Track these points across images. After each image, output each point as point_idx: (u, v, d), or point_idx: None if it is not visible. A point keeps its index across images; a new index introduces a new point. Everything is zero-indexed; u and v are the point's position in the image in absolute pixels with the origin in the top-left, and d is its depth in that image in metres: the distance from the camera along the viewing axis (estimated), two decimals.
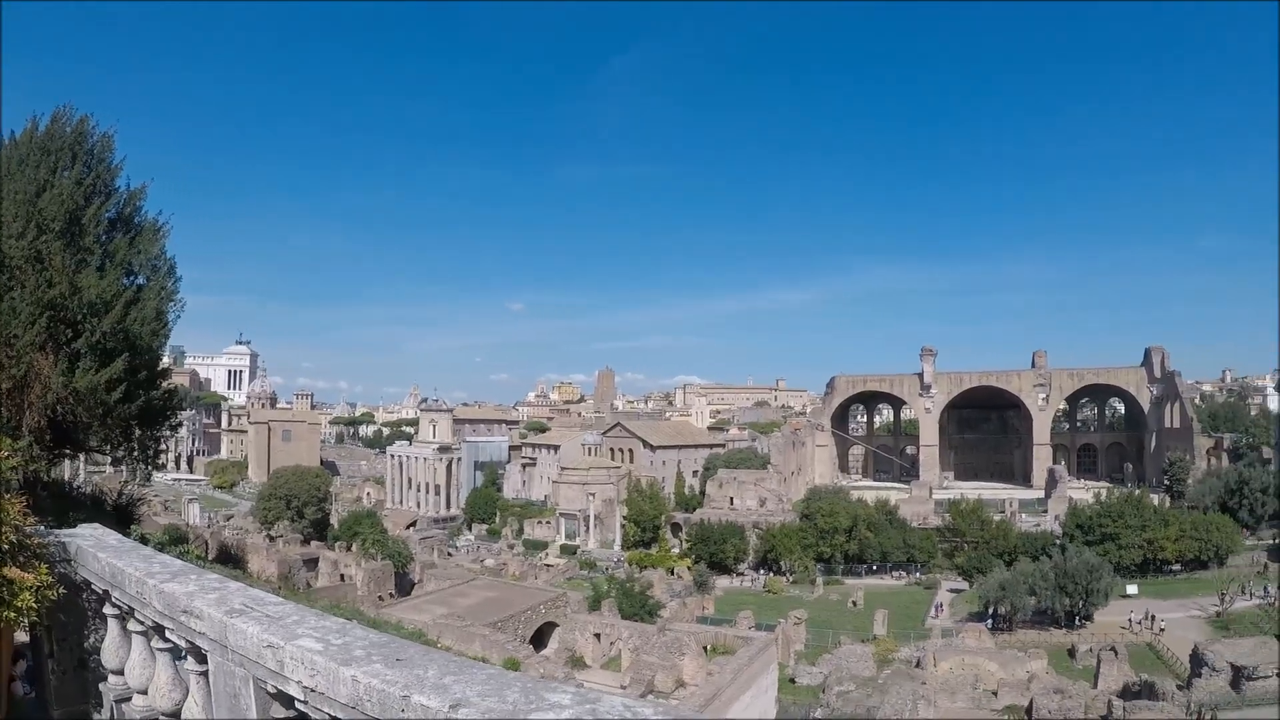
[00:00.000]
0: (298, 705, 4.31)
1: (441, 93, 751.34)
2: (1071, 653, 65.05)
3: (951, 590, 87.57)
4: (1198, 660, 54.64)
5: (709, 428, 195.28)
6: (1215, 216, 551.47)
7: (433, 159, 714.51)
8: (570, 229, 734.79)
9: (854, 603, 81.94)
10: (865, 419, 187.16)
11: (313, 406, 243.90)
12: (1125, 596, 78.45)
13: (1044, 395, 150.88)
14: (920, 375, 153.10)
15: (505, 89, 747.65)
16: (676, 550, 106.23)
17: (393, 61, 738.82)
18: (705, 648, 55.85)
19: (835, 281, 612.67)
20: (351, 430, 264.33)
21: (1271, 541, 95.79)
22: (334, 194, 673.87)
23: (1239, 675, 52.16)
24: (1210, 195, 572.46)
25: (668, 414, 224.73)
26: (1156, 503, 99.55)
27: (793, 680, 57.91)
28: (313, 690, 4.11)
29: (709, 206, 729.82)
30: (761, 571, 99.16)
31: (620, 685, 49.39)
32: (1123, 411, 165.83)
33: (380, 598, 69.00)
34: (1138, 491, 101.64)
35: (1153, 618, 72.54)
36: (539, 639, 59.87)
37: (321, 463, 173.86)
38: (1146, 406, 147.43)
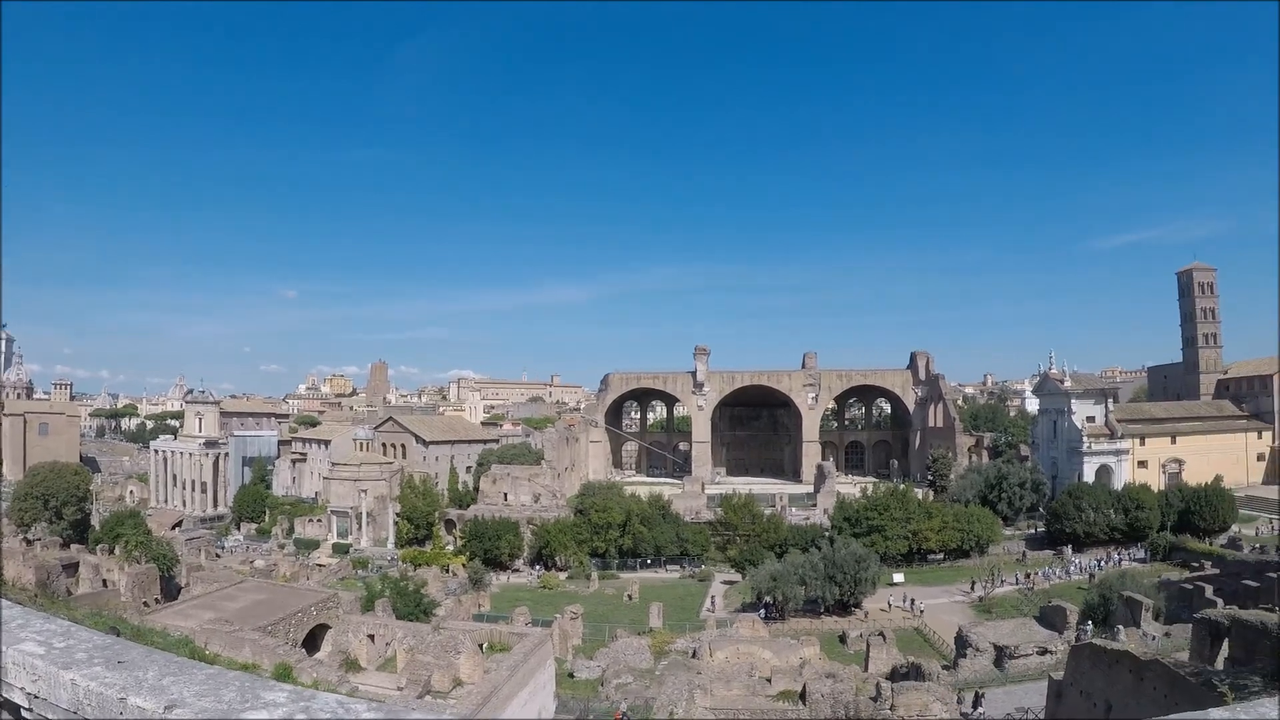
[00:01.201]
0: (24, 714, 4.61)
1: (214, 63, 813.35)
2: (843, 639, 79.40)
3: (725, 582, 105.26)
4: (962, 642, 70.00)
5: (483, 423, 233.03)
6: (982, 229, 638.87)
7: (204, 134, 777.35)
8: (348, 215, 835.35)
9: (629, 596, 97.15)
10: (639, 415, 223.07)
11: (72, 398, 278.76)
12: (892, 584, 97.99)
13: (813, 395, 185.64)
14: (693, 374, 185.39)
15: (284, 63, 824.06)
16: (451, 547, 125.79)
17: (162, 28, 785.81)
18: (482, 645, 63.54)
19: (613, 279, 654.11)
20: (113, 423, 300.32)
21: (1028, 532, 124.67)
22: (96, 162, 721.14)
23: (1001, 654, 67.65)
24: (978, 207, 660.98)
25: (442, 409, 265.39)
26: (920, 496, 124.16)
27: (571, 675, 67.38)
28: (36, 697, 4.46)
29: (490, 197, 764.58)
30: (537, 567, 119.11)
31: (396, 687, 56.09)
32: (889, 411, 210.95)
33: (145, 604, 73.93)
34: (902, 486, 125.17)
35: (912, 602, 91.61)
36: (312, 642, 67.76)
37: (81, 459, 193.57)
38: (911, 406, 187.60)
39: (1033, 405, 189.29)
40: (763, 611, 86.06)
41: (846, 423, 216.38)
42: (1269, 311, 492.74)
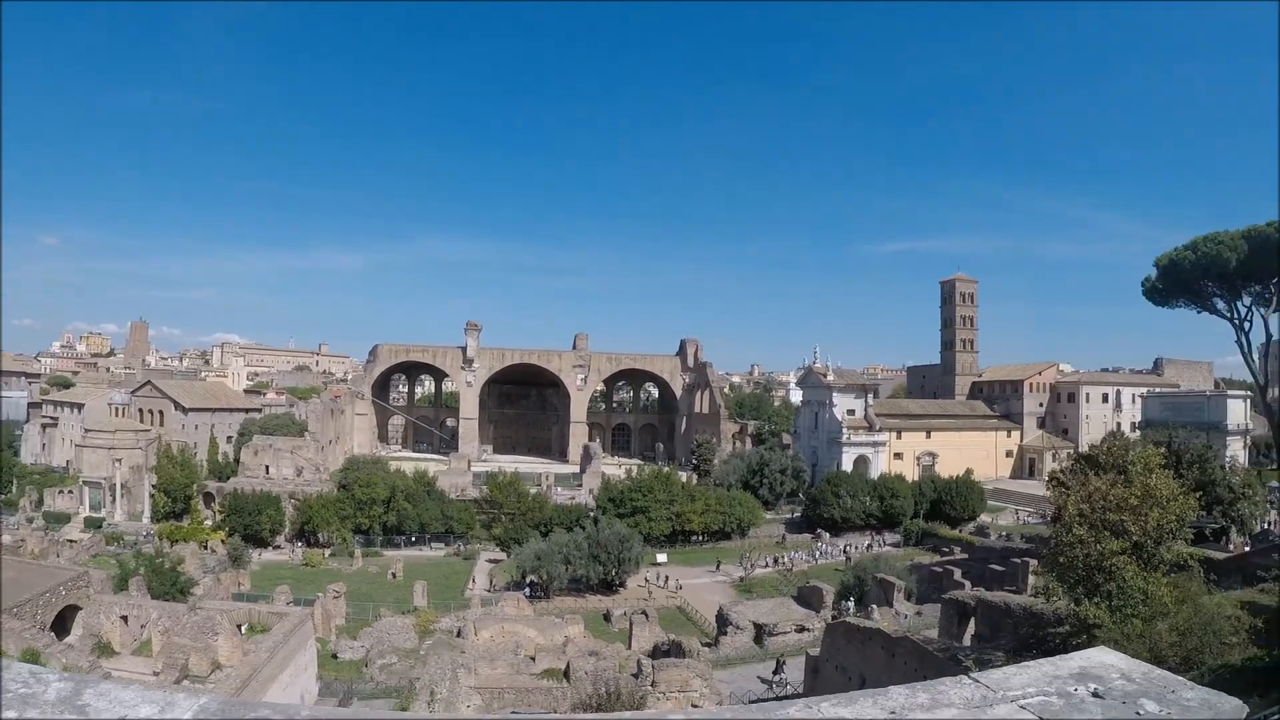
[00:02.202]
0: None
1: None
2: (607, 617, 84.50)
3: (490, 561, 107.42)
4: (723, 620, 76.11)
5: (246, 391, 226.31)
6: (760, 226, 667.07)
7: None
8: (121, 160, 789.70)
9: (394, 575, 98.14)
10: (407, 389, 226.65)
11: None
12: (656, 564, 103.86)
13: (583, 376, 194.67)
14: (464, 349, 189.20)
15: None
16: (210, 522, 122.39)
17: None
18: (241, 626, 63.91)
19: (388, 247, 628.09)
20: None
21: (788, 516, 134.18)
22: None
23: (761, 632, 74.09)
24: (761, 205, 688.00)
25: (204, 374, 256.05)
26: (685, 479, 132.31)
27: (335, 656, 68.21)
28: None
29: (266, 153, 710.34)
30: (299, 544, 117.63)
31: (152, 672, 55.04)
32: (657, 395, 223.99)
33: None
34: (667, 469, 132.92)
35: (667, 579, 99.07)
36: (61, 624, 65.21)
37: None
38: (679, 392, 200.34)
39: (796, 397, 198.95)
40: (528, 590, 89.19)
41: (614, 405, 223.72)
42: (1023, 323, 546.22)
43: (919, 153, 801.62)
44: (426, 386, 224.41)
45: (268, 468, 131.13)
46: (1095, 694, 5.32)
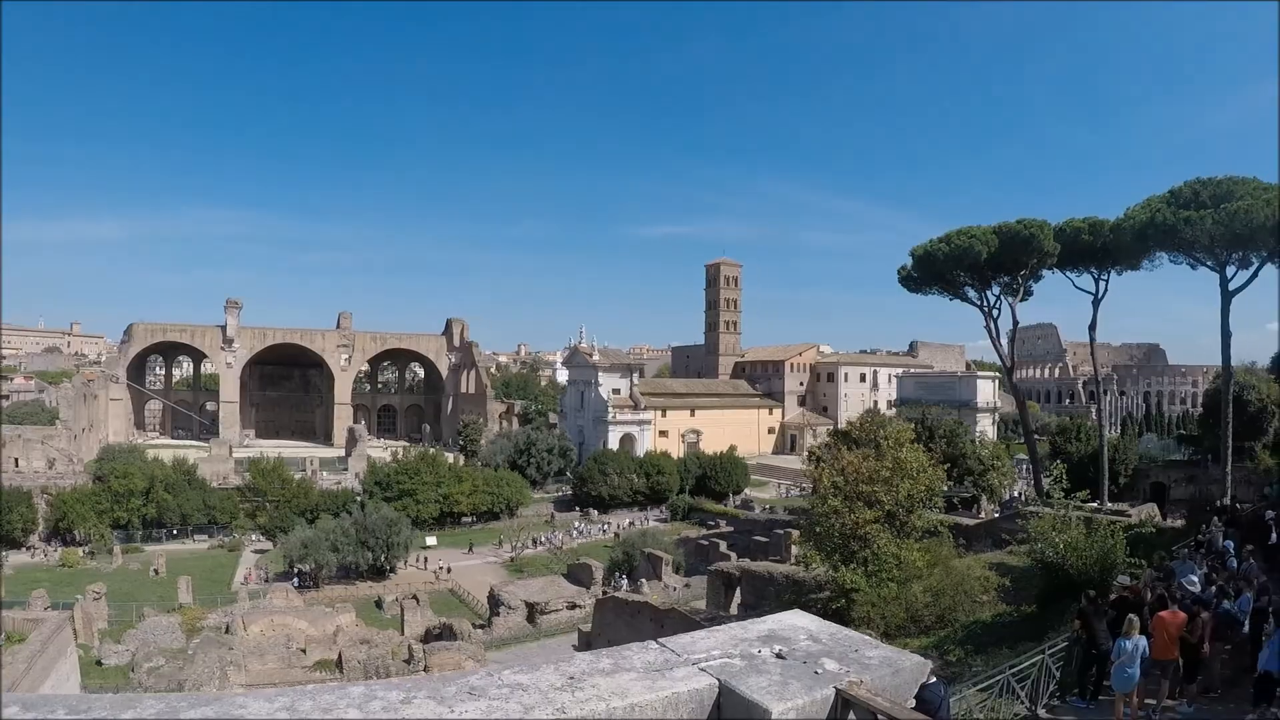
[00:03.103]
0: None
1: None
2: (379, 604, 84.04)
3: (256, 551, 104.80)
4: (495, 600, 76.51)
5: None
6: (532, 207, 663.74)
7: None
8: None
9: (156, 571, 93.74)
10: (164, 372, 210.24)
11: None
12: (425, 548, 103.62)
13: (347, 356, 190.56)
14: (224, 328, 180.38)
15: None
16: None
17: None
18: None
19: (144, 217, 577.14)
20: None
21: (557, 495, 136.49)
22: None
23: (533, 611, 75.13)
24: (528, 189, 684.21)
25: None
26: (452, 460, 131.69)
27: (99, 663, 64.20)
28: None
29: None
30: (55, 543, 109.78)
31: None
32: (423, 376, 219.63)
33: None
34: (434, 450, 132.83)
35: (433, 564, 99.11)
36: None
37: None
38: (445, 372, 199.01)
39: (563, 376, 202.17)
40: (296, 580, 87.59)
41: (380, 386, 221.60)
42: (785, 306, 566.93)
43: (686, 141, 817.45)
44: (185, 368, 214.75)
45: (17, 460, 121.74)
46: (779, 655, 5.84)
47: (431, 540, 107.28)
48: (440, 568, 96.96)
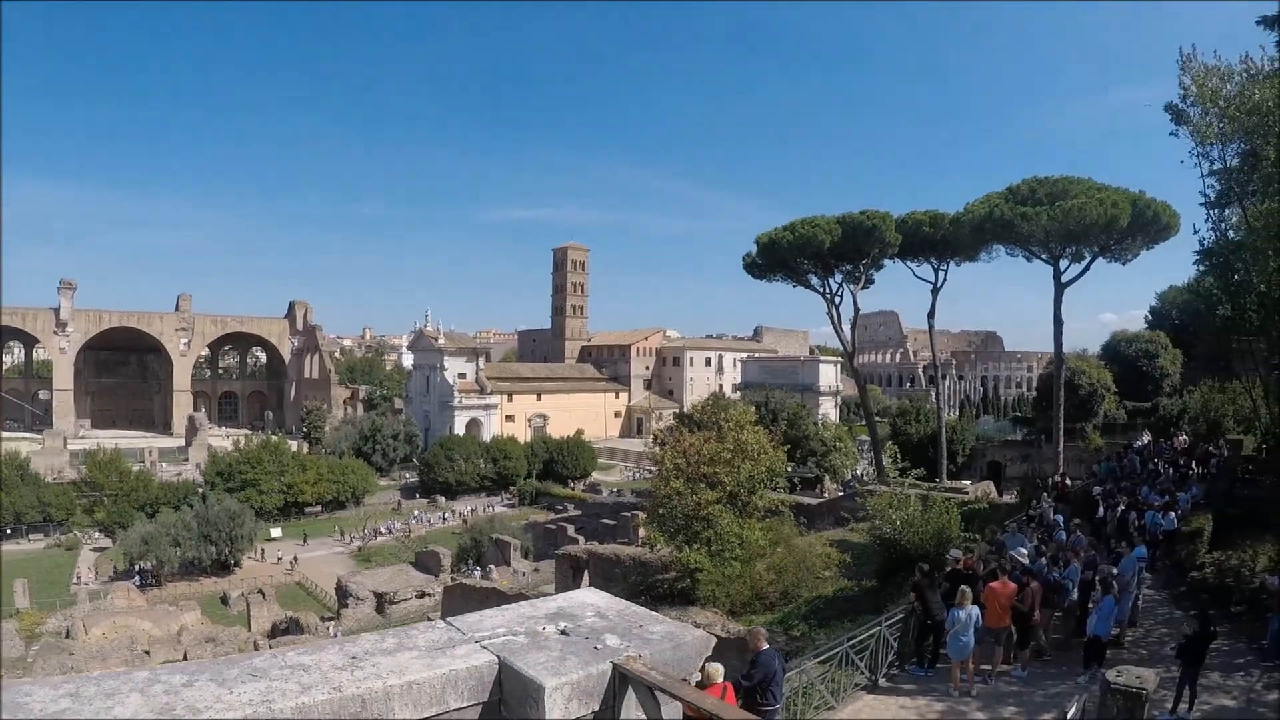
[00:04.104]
0: None
1: None
2: (225, 600, 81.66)
3: (95, 549, 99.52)
4: (343, 592, 75.92)
5: None
6: (379, 188, 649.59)
7: None
8: None
9: None
10: None
11: None
12: (271, 540, 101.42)
13: (186, 340, 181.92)
14: (56, 311, 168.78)
15: None
16: None
17: None
18: None
19: None
20: None
21: (403, 482, 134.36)
22: None
23: (382, 600, 74.73)
24: (374, 169, 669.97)
25: None
26: (295, 449, 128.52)
27: None
28: None
29: None
30: None
31: None
32: (265, 361, 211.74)
33: None
34: (277, 438, 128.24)
35: (281, 559, 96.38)
36: None
37: None
38: (288, 357, 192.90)
39: (409, 360, 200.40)
40: (138, 579, 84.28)
41: (221, 372, 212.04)
42: (632, 291, 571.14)
43: (534, 125, 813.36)
44: (16, 355, 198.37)
45: None
46: (563, 631, 5.94)
47: (276, 532, 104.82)
48: (280, 559, 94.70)
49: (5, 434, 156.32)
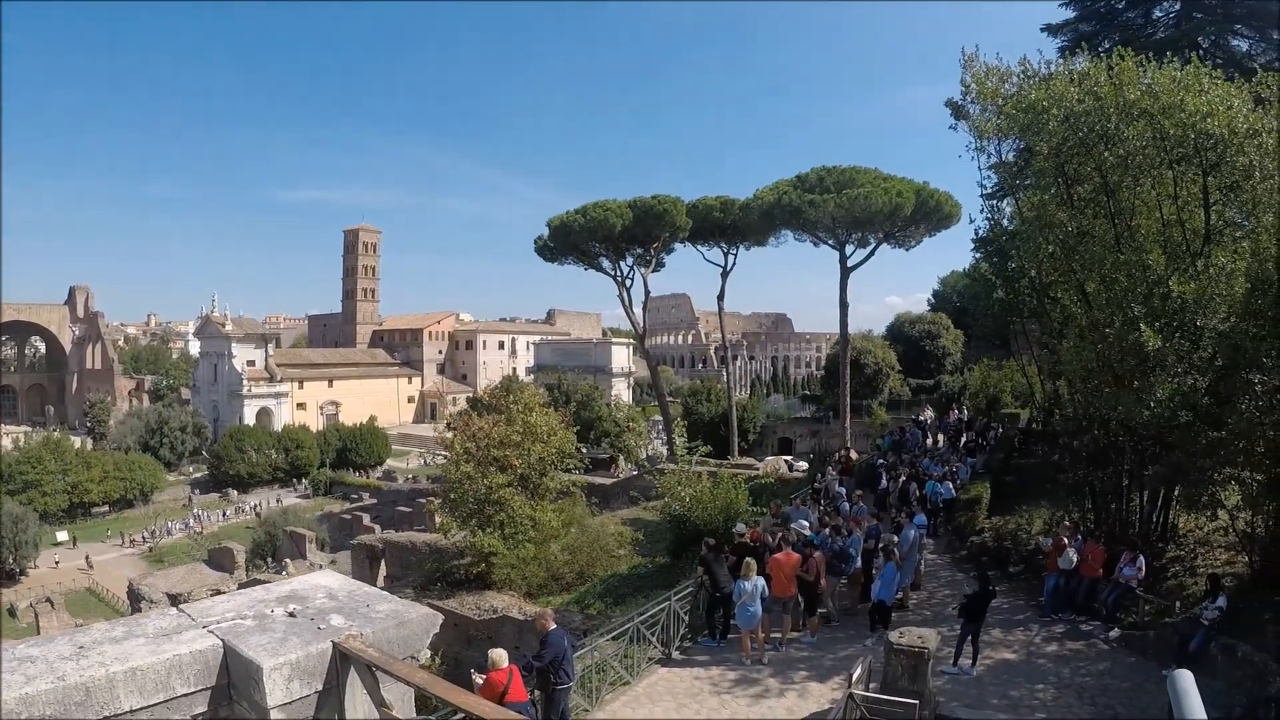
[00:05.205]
0: None
1: None
2: (12, 611, 76.55)
3: None
4: (135, 595, 71.58)
5: None
6: (164, 166, 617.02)
7: None
8: None
9: None
10: None
11: None
12: (57, 544, 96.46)
13: None
14: None
15: None
16: None
17: None
18: None
19: None
20: None
21: (194, 476, 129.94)
22: None
23: (175, 601, 69.62)
24: (158, 143, 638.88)
25: None
26: (79, 445, 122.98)
27: None
28: None
29: None
30: None
31: None
32: (44, 351, 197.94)
33: None
34: (58, 434, 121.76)
35: (87, 555, 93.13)
36: None
37: None
38: (69, 347, 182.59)
39: (195, 348, 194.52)
40: None
41: None
42: (426, 274, 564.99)
43: (327, 102, 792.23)
44: None
45: None
46: (290, 614, 5.97)
47: (63, 535, 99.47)
48: (57, 564, 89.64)
49: None
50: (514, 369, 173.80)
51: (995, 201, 35.25)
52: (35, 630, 67.00)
